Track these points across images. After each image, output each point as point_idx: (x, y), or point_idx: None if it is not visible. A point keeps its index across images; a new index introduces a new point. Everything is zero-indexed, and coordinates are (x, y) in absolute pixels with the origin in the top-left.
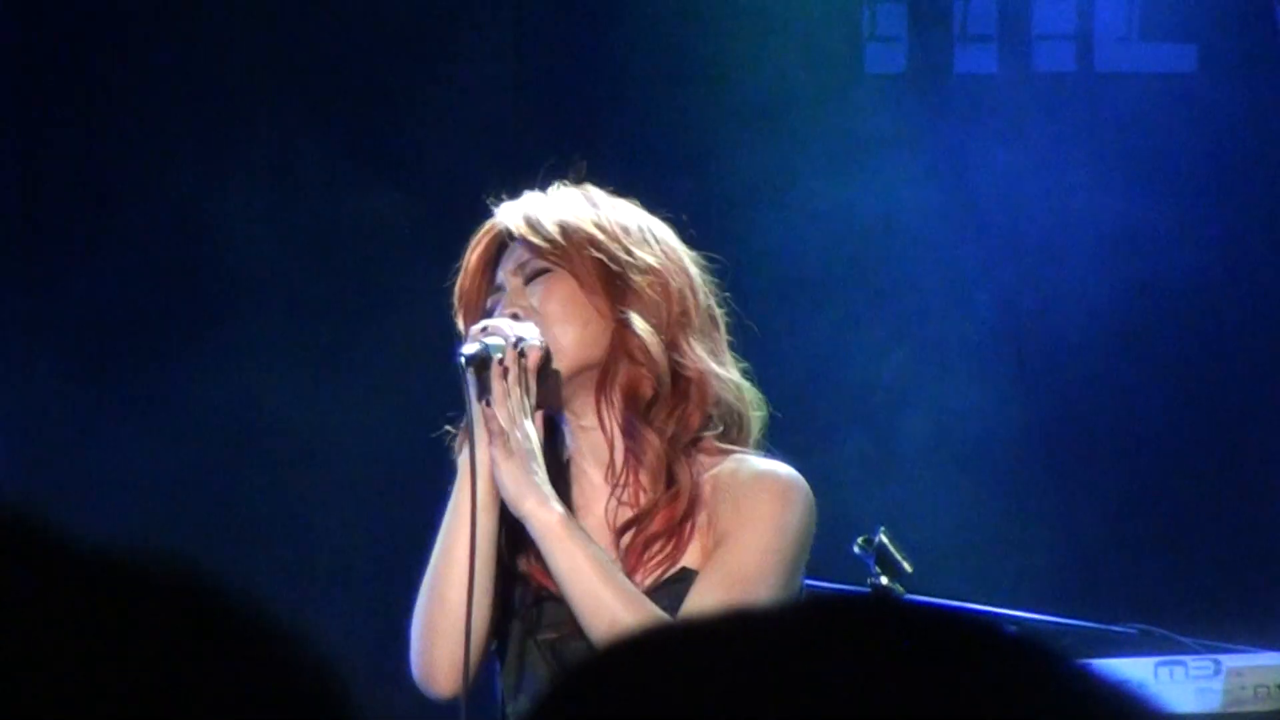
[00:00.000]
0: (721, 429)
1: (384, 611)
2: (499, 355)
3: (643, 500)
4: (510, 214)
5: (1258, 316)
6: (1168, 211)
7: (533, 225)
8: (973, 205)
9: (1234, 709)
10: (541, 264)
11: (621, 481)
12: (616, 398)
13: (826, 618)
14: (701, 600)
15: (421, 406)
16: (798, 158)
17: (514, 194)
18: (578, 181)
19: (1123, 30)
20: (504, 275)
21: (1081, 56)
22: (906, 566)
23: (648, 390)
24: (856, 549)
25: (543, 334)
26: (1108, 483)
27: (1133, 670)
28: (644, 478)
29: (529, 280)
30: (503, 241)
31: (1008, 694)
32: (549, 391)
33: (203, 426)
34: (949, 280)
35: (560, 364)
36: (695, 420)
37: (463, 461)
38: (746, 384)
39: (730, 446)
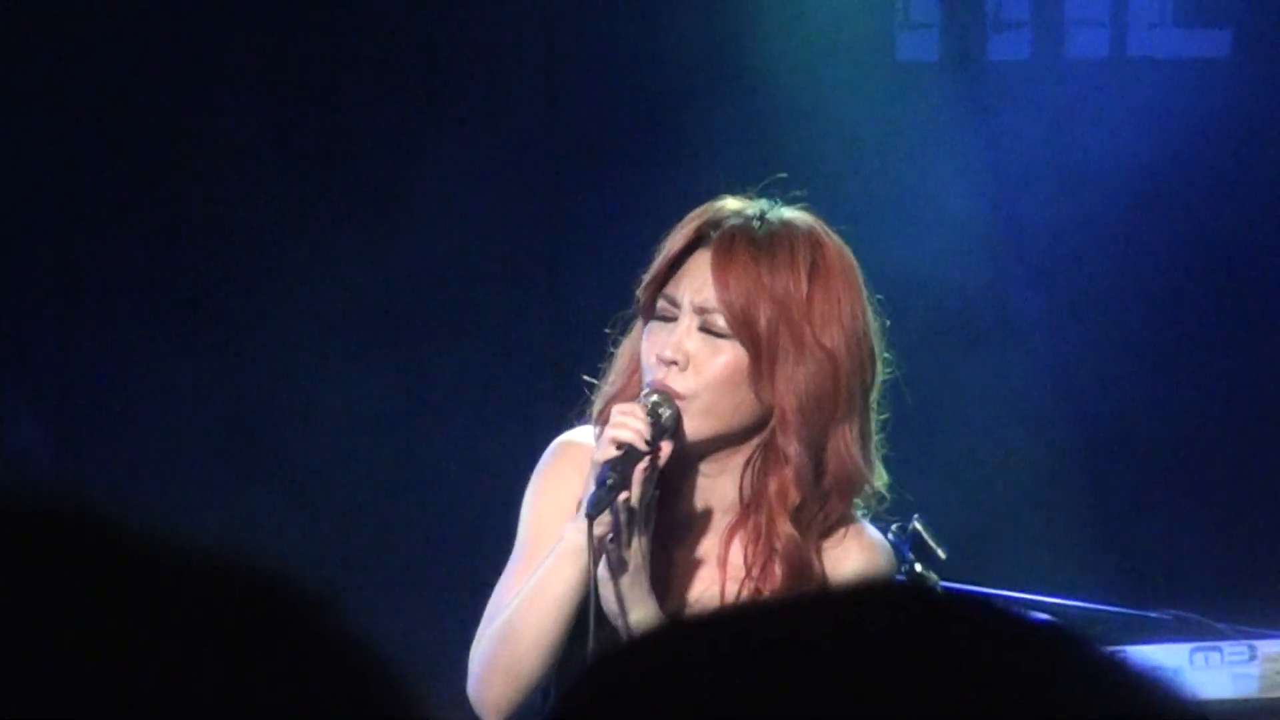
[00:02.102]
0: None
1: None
2: (625, 494)
3: (771, 586)
4: (721, 249)
5: None
6: (1202, 195)
7: (727, 285)
8: (1006, 192)
9: (1270, 694)
10: (723, 327)
11: (755, 567)
12: (762, 487)
13: (862, 604)
14: None
15: (493, 404)
16: (829, 147)
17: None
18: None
19: (1156, 15)
20: (688, 297)
21: (1115, 42)
22: (941, 553)
23: (795, 496)
24: (891, 536)
25: (690, 388)
26: (1144, 468)
27: (1168, 656)
28: (777, 565)
29: (703, 328)
30: (712, 226)
31: (1036, 681)
32: (678, 446)
33: (265, 416)
34: (982, 266)
35: (698, 427)
36: (835, 515)
37: (568, 545)
38: (880, 466)
39: (847, 514)
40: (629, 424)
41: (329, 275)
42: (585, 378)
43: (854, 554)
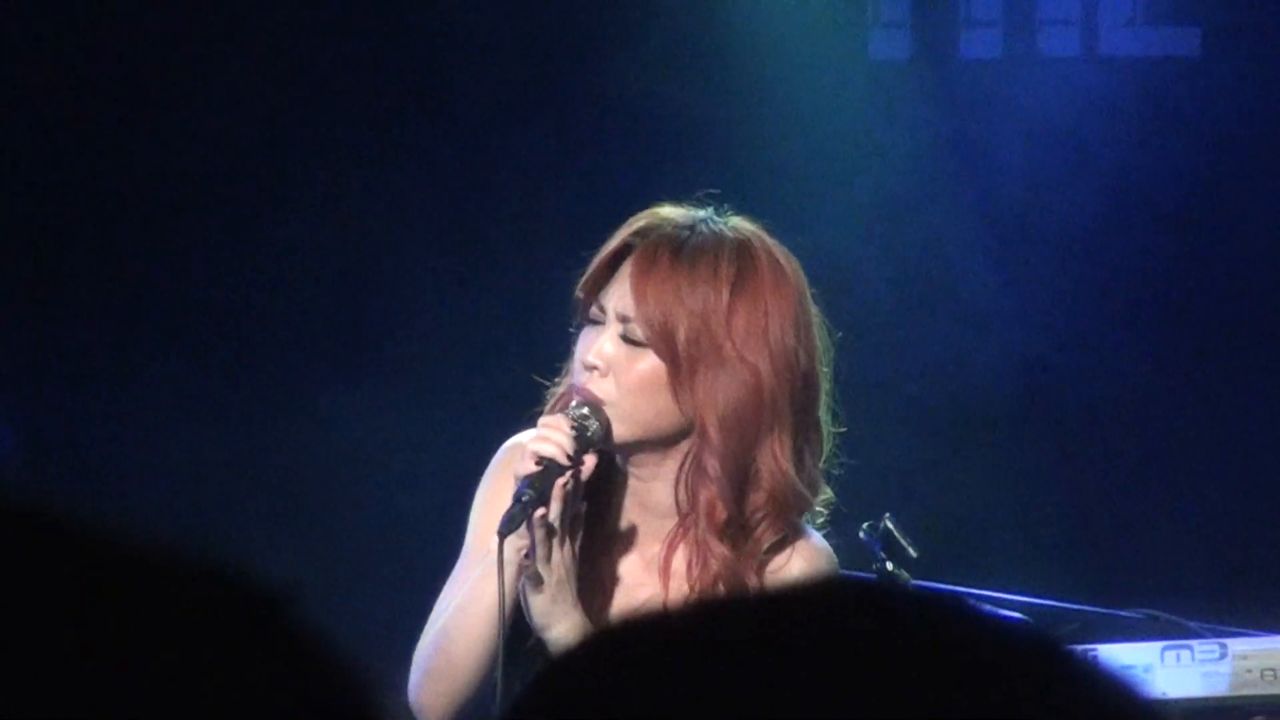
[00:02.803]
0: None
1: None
2: (542, 511)
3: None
4: (641, 257)
5: (1265, 300)
6: (1172, 191)
7: (644, 294)
8: (978, 190)
9: (1241, 692)
10: (642, 336)
11: (696, 583)
12: (694, 499)
13: (831, 601)
14: None
15: (452, 408)
16: (802, 145)
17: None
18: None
19: (1127, 13)
20: (612, 304)
21: (1086, 40)
22: (912, 552)
23: (722, 511)
24: (862, 534)
25: (610, 394)
26: (1115, 467)
27: (1139, 655)
28: (713, 585)
29: (624, 336)
30: (641, 235)
31: (1007, 681)
32: (605, 450)
33: (238, 426)
34: (954, 265)
35: (619, 432)
36: (774, 532)
37: (495, 557)
38: (818, 471)
39: (789, 529)
40: (551, 437)
41: (300, 279)
42: (535, 377)
43: (798, 563)
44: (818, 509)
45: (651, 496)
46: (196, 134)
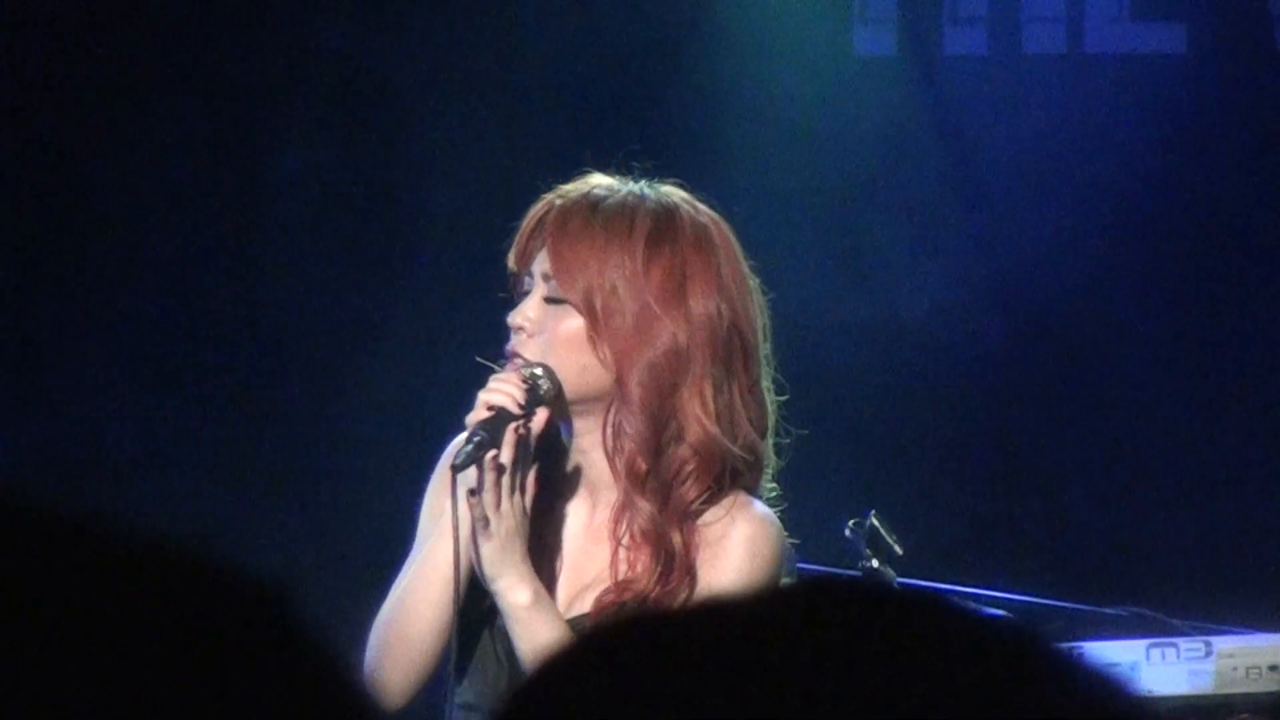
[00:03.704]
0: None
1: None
2: (492, 452)
3: (638, 564)
4: (558, 215)
5: (1249, 295)
6: (1158, 191)
7: (560, 250)
8: (963, 187)
9: (1225, 690)
10: (559, 293)
11: (623, 541)
12: (617, 456)
13: (815, 600)
14: None
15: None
16: (786, 140)
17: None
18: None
19: (1113, 10)
20: (538, 266)
21: (1072, 38)
22: (898, 549)
23: (641, 465)
24: (848, 532)
25: (536, 354)
26: (1100, 464)
27: (1125, 652)
28: (640, 541)
29: (547, 296)
30: (560, 197)
31: (992, 679)
32: (553, 418)
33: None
34: (939, 261)
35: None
36: (693, 494)
37: (448, 518)
38: (759, 437)
39: (729, 489)
40: (502, 388)
41: (294, 277)
42: (479, 359)
43: (740, 526)
44: (767, 485)
45: (593, 468)
46: (183, 136)
